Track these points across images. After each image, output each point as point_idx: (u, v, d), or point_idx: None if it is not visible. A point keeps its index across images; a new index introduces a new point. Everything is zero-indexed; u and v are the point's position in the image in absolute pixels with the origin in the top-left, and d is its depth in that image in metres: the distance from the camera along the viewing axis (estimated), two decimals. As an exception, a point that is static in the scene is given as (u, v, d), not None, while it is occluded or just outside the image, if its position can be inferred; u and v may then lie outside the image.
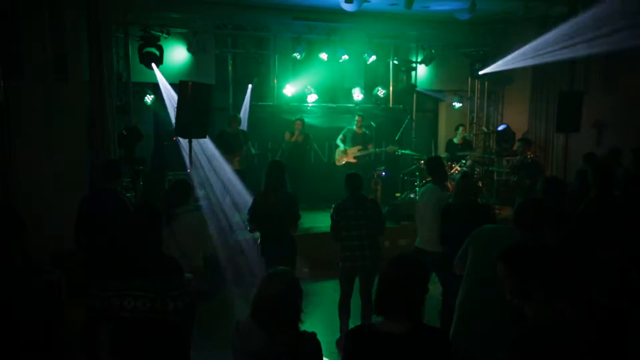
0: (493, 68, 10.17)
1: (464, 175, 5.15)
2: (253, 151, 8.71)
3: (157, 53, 8.38)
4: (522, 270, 2.28)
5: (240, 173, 8.22)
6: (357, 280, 5.10)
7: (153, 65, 8.32)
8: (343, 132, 9.17)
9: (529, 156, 8.61)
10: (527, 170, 8.42)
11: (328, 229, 5.21)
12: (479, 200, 8.47)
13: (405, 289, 2.25)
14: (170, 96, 8.48)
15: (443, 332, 2.50)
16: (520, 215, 3.23)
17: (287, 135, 9.00)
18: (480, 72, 10.54)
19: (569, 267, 2.53)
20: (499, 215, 8.56)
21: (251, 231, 5.42)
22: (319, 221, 8.14)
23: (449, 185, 5.93)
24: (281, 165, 5.21)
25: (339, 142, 9.16)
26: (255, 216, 5.15)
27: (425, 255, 4.88)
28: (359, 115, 9.19)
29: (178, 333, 2.67)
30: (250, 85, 9.47)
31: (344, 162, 9.07)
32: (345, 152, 9.03)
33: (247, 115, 9.34)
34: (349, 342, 2.35)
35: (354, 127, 9.15)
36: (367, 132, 9.22)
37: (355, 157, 9.08)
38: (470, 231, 3.47)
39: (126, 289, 2.59)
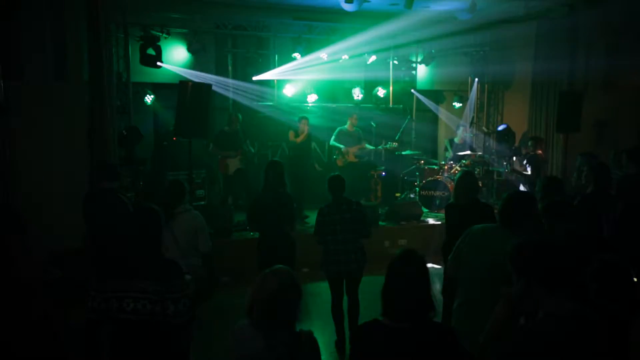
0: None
1: (465, 173, 4.79)
2: (252, 150, 8.69)
3: (156, 53, 8.40)
4: (523, 267, 2.27)
5: (241, 172, 8.22)
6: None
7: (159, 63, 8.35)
8: (335, 133, 9.12)
9: (539, 154, 8.53)
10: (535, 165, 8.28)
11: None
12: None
13: (411, 286, 2.25)
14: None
15: (449, 327, 2.50)
16: (504, 211, 3.20)
17: (291, 135, 8.78)
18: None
19: (570, 265, 2.52)
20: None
21: (251, 231, 5.41)
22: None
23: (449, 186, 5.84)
24: (279, 165, 5.21)
25: (335, 143, 9.11)
26: (254, 216, 5.16)
27: None
28: (354, 113, 9.18)
29: (178, 335, 2.65)
30: None
31: (342, 163, 9.05)
32: (347, 151, 9.02)
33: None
34: (355, 338, 2.35)
35: (346, 126, 9.13)
36: (359, 130, 9.20)
37: (355, 156, 9.07)
38: None
39: (125, 291, 2.57)
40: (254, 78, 9.55)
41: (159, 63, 8.40)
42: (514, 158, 8.81)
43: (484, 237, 3.24)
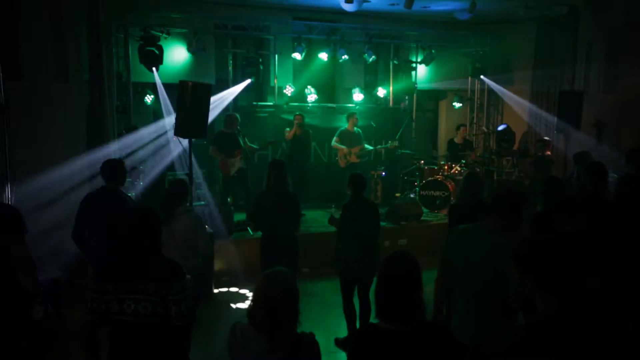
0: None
1: (469, 174, 4.95)
2: (257, 146, 8.68)
3: (157, 52, 8.40)
4: (524, 267, 2.26)
5: (242, 172, 8.22)
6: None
7: (154, 68, 8.39)
8: (337, 134, 9.13)
9: (547, 155, 8.52)
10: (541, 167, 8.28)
11: (328, 229, 5.17)
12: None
13: (402, 284, 2.22)
14: (164, 98, 8.60)
15: (447, 328, 2.48)
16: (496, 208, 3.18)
17: (287, 133, 8.90)
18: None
19: (570, 265, 2.52)
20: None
21: (252, 231, 5.37)
22: (319, 221, 8.14)
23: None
24: (282, 164, 5.19)
25: (336, 144, 9.10)
26: (257, 215, 5.12)
27: None
28: (354, 114, 9.20)
29: (180, 336, 2.64)
30: (249, 80, 9.27)
31: (345, 164, 9.04)
32: (349, 152, 9.02)
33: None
34: (353, 342, 2.34)
35: (347, 126, 9.13)
36: (359, 130, 9.22)
37: (357, 157, 9.07)
38: None
39: (126, 292, 2.56)
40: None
41: (153, 68, 8.43)
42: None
43: (477, 235, 3.23)
